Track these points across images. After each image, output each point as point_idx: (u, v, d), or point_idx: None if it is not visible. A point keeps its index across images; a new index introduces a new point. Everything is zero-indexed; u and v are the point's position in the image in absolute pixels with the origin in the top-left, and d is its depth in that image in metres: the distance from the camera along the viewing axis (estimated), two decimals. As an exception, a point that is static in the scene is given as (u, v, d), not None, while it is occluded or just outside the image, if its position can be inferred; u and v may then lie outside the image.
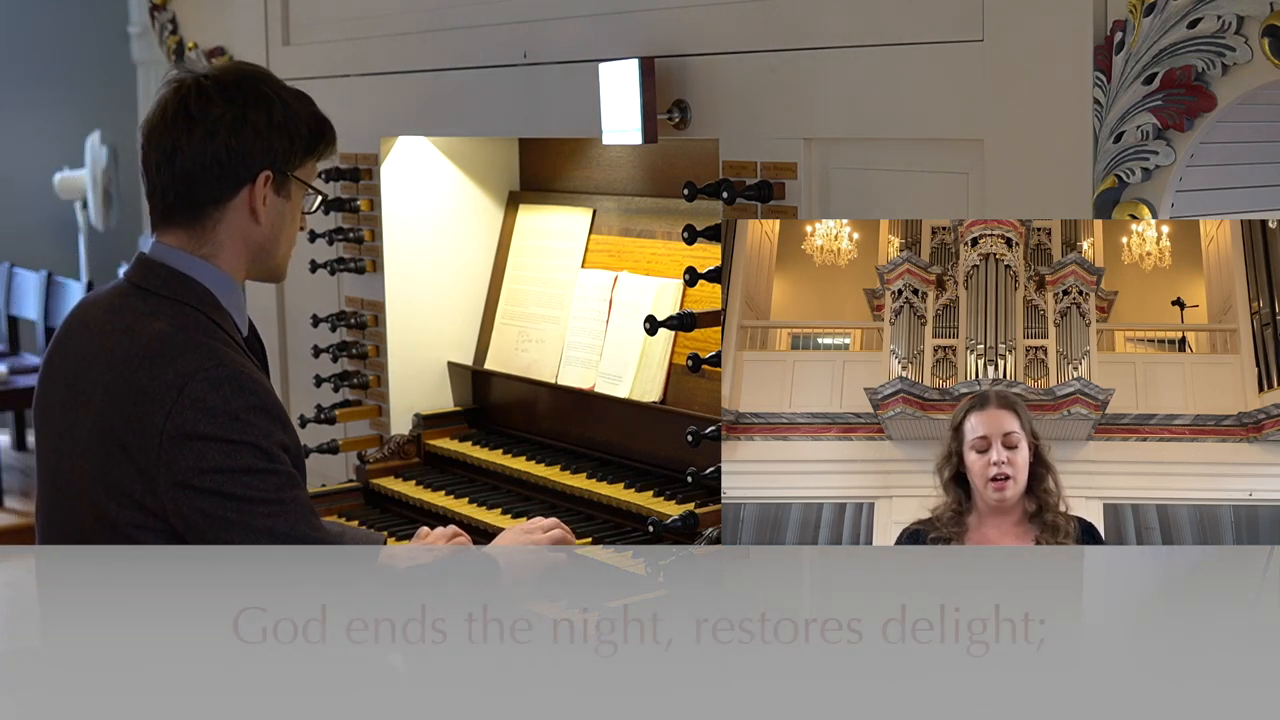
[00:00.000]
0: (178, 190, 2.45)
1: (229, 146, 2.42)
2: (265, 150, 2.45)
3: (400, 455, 3.60)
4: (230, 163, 2.43)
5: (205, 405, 2.31)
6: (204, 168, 2.43)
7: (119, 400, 2.36)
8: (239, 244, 2.48)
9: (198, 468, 2.31)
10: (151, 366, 2.35)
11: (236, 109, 2.43)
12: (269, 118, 2.45)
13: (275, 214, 2.49)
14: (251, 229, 2.48)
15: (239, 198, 2.45)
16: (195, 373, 2.32)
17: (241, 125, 2.43)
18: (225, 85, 2.46)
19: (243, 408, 2.33)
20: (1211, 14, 2.10)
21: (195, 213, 2.46)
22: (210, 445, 2.31)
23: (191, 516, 2.34)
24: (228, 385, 2.33)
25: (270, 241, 2.51)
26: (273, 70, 4.01)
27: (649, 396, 3.21)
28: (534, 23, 3.19)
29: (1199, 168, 2.24)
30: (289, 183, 2.50)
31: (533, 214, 3.70)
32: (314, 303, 3.95)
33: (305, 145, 2.51)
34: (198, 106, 2.43)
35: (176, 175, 2.44)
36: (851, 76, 2.53)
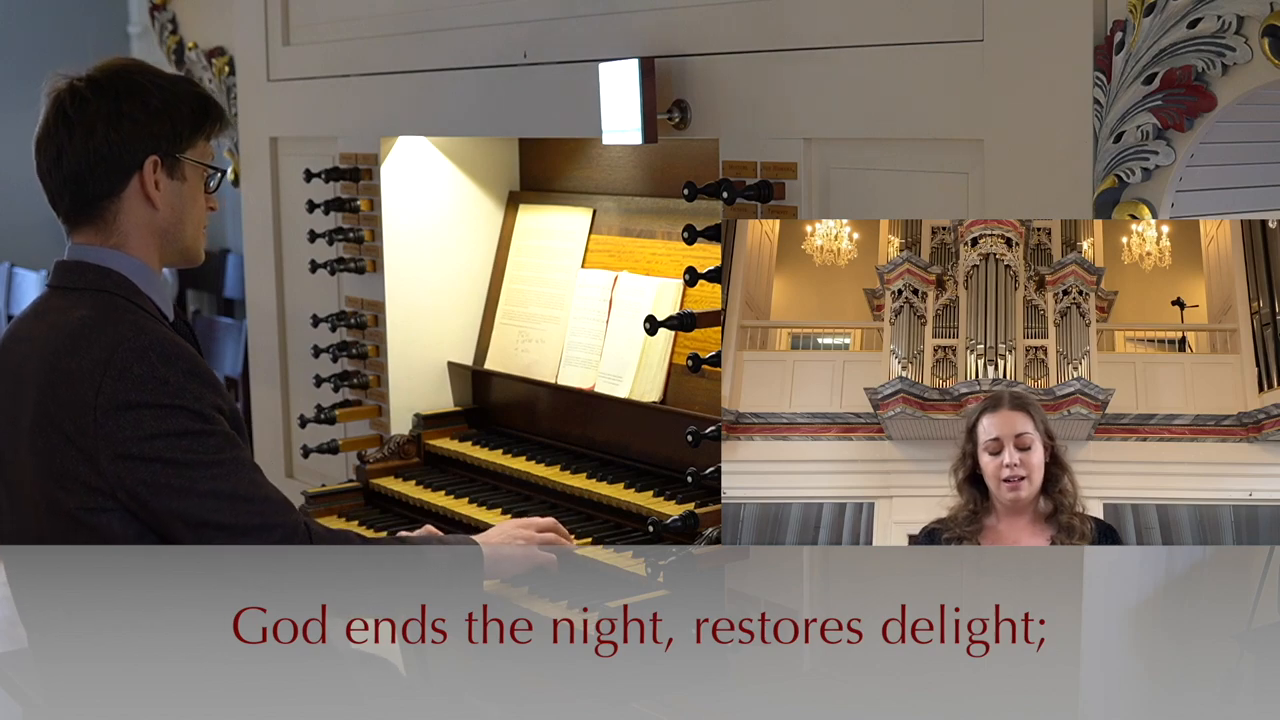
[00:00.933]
0: (71, 191, 2.52)
1: (109, 140, 2.48)
2: (146, 136, 2.49)
3: (400, 455, 3.60)
4: (113, 155, 2.49)
5: (133, 374, 2.35)
6: (90, 165, 2.49)
7: (51, 388, 2.39)
8: (144, 231, 2.53)
9: (135, 436, 2.34)
10: (76, 349, 2.39)
11: (110, 102, 2.49)
12: (145, 105, 2.50)
13: (172, 196, 2.54)
14: (151, 215, 2.53)
15: (130, 187, 2.51)
16: (119, 344, 2.37)
17: (118, 117, 2.48)
18: (98, 83, 2.52)
19: (171, 373, 2.36)
20: (1211, 14, 2.09)
21: (93, 209, 2.52)
22: (144, 413, 2.34)
23: (135, 488, 2.36)
24: (152, 352, 2.37)
25: (174, 225, 2.55)
26: (272, 70, 4.05)
27: (649, 396, 3.21)
28: (534, 23, 3.19)
29: (1199, 168, 2.24)
30: (180, 165, 2.53)
31: (533, 214, 3.70)
32: (314, 303, 3.95)
33: (190, 125, 2.54)
34: (74, 108, 2.50)
35: (66, 177, 2.51)
36: (851, 76, 2.53)
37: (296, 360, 4.15)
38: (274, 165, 4.13)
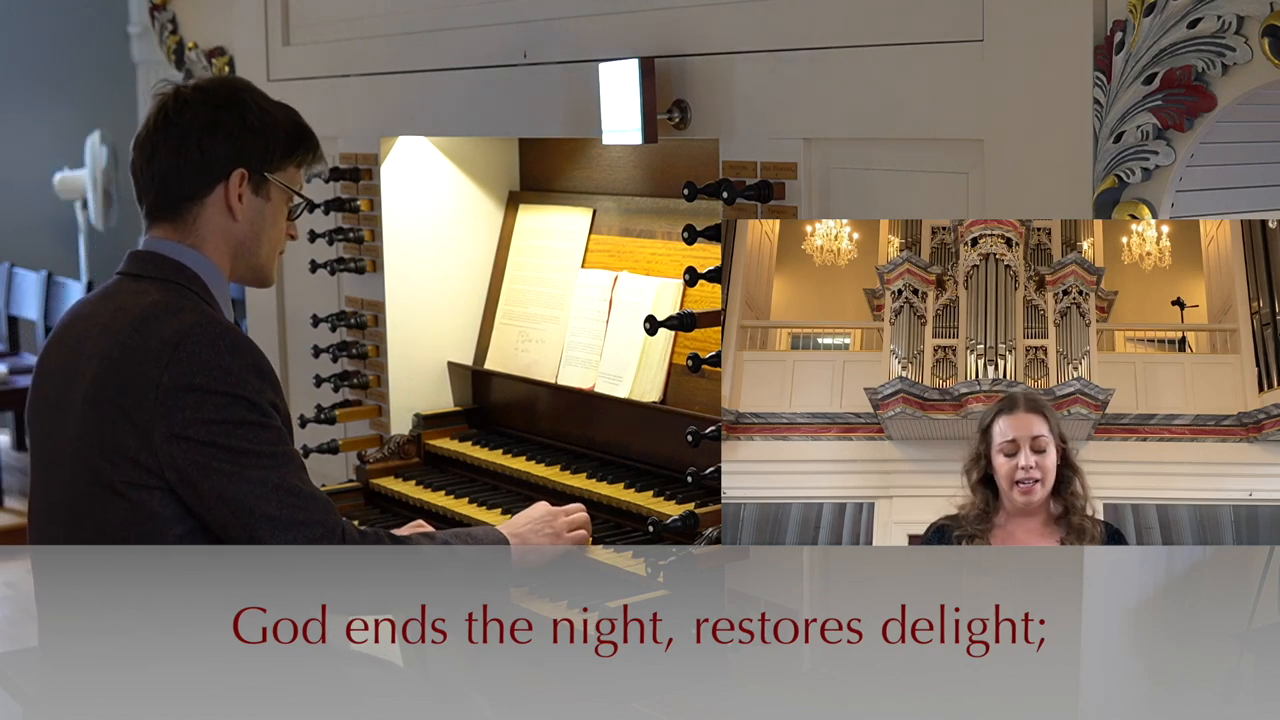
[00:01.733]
0: (158, 188, 2.57)
1: (201, 145, 2.54)
2: (238, 150, 2.56)
3: (400, 455, 3.60)
4: (203, 160, 2.55)
5: (201, 359, 2.39)
6: (179, 166, 2.55)
7: (114, 364, 2.43)
8: (220, 238, 2.58)
9: (193, 419, 2.38)
10: (145, 329, 2.43)
11: (209, 111, 2.56)
12: (242, 120, 2.57)
13: (253, 213, 2.59)
14: (230, 225, 2.58)
15: (215, 194, 2.56)
16: (191, 328, 2.42)
17: (214, 126, 2.55)
18: (203, 90, 2.59)
19: (237, 364, 2.41)
20: (1211, 14, 2.09)
21: (176, 208, 2.57)
22: (206, 397, 2.38)
23: (186, 469, 2.39)
24: (222, 341, 2.42)
25: (250, 239, 2.61)
26: (272, 70, 4.05)
27: (649, 396, 3.21)
28: (534, 23, 3.19)
29: (1199, 168, 2.24)
30: (267, 184, 2.60)
31: (533, 214, 3.70)
32: (314, 303, 3.95)
33: (283, 149, 2.61)
34: (175, 112, 2.56)
35: (155, 175, 2.57)
36: (851, 76, 2.53)
37: (296, 360, 4.15)
38: (274, 165, 4.12)
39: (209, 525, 2.43)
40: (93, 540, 2.46)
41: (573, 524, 2.85)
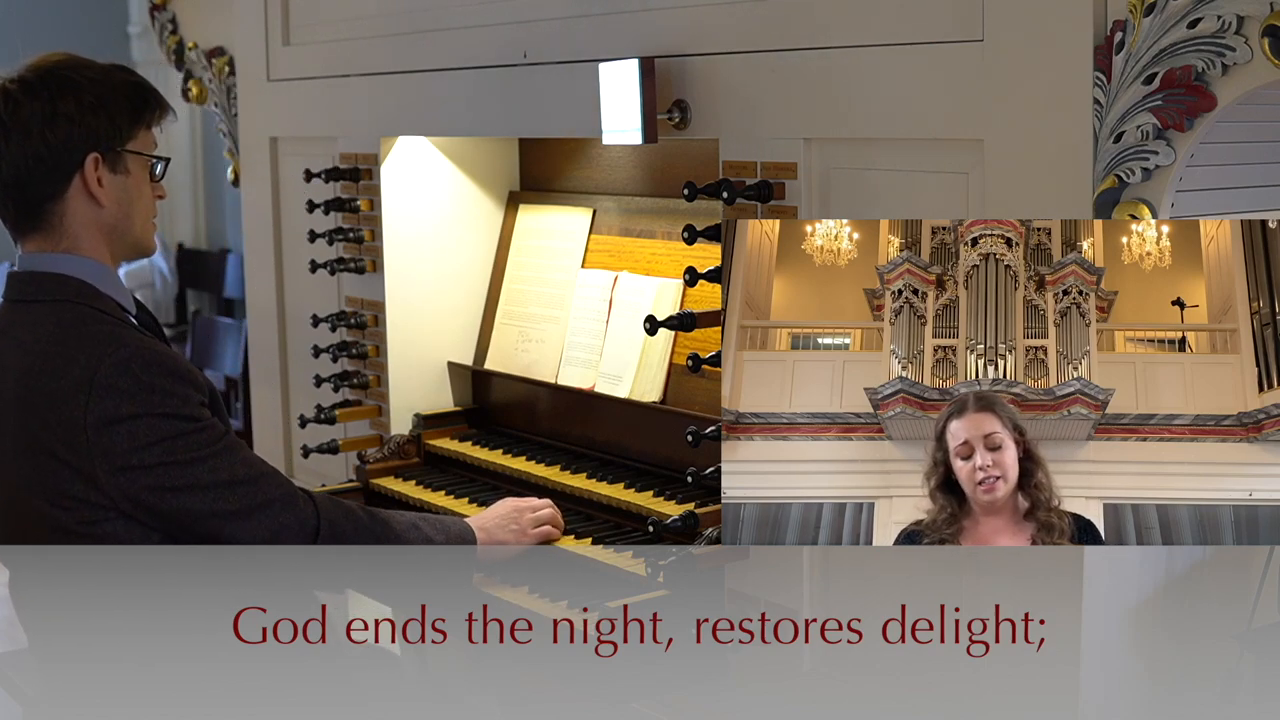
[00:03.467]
0: (12, 197, 2.49)
1: (46, 141, 2.44)
2: (84, 135, 2.46)
3: (400, 455, 3.60)
4: (51, 157, 2.45)
5: (118, 389, 2.34)
6: (29, 169, 2.45)
7: (33, 410, 2.38)
8: (92, 230, 2.50)
9: (131, 447, 2.35)
10: (53, 369, 2.37)
11: (44, 103, 2.44)
12: (79, 102, 2.46)
13: (117, 191, 2.51)
14: (98, 213, 2.50)
15: (73, 187, 2.48)
16: (99, 361, 2.36)
17: (53, 118, 2.44)
18: (29, 83, 2.47)
19: (155, 379, 2.37)
20: (1211, 14, 2.09)
21: (38, 213, 2.49)
22: (137, 423, 2.35)
23: (140, 495, 2.37)
24: (134, 363, 2.37)
25: (122, 220, 2.53)
26: (272, 70, 4.05)
27: (649, 396, 3.21)
28: (534, 23, 3.19)
29: (1199, 168, 2.24)
30: (122, 158, 2.50)
31: (533, 214, 3.70)
32: (314, 303, 3.95)
33: (128, 118, 2.51)
34: (7, 112, 2.45)
35: (6, 184, 2.47)
36: (851, 76, 2.53)
37: (296, 360, 4.15)
38: (274, 165, 4.13)
39: (176, 537, 2.43)
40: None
41: (539, 520, 2.88)
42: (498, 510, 2.90)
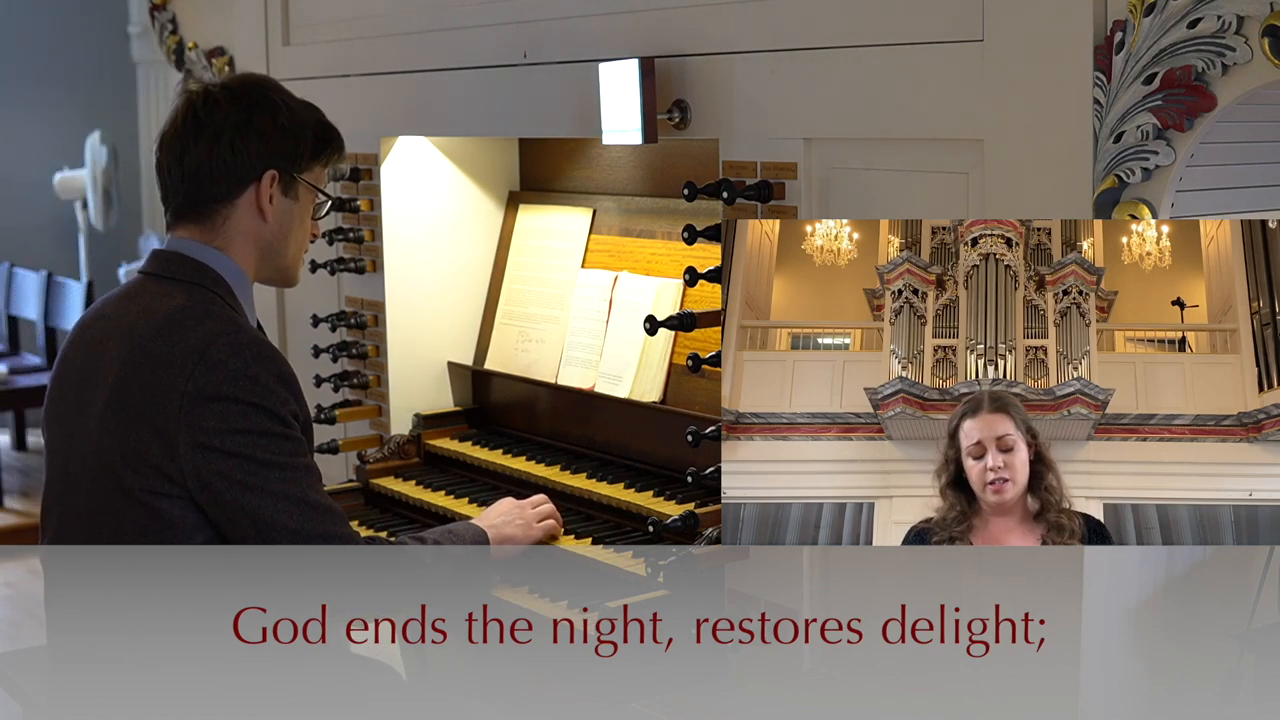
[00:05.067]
0: (187, 189, 2.56)
1: (234, 147, 2.53)
2: (270, 151, 2.55)
3: (400, 455, 3.60)
4: (235, 162, 2.54)
5: (227, 368, 2.39)
6: (211, 167, 2.53)
7: (138, 369, 2.42)
8: (248, 240, 2.58)
9: (218, 428, 2.38)
10: (171, 335, 2.43)
11: (242, 112, 2.54)
12: (274, 121, 2.56)
13: (283, 214, 2.59)
14: (260, 226, 2.58)
15: (246, 195, 2.56)
16: (218, 337, 2.41)
17: (246, 127, 2.54)
18: (233, 91, 2.57)
19: (262, 373, 2.42)
20: (1211, 14, 2.09)
21: (205, 209, 2.56)
22: (231, 406, 2.39)
23: (210, 479, 2.39)
24: (248, 350, 2.42)
25: (279, 240, 2.60)
26: (272, 70, 4.04)
27: (649, 396, 3.21)
28: (534, 23, 3.19)
29: (1199, 168, 2.24)
30: (296, 184, 2.59)
31: (533, 214, 3.70)
32: (314, 303, 3.95)
33: (311, 149, 2.60)
34: (205, 112, 2.54)
35: (186, 175, 2.55)
36: (851, 76, 2.53)
37: (296, 360, 4.13)
38: (274, 165, 4.12)
39: (227, 534, 2.44)
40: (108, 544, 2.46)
41: (541, 515, 2.92)
42: (500, 508, 2.93)
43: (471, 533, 2.79)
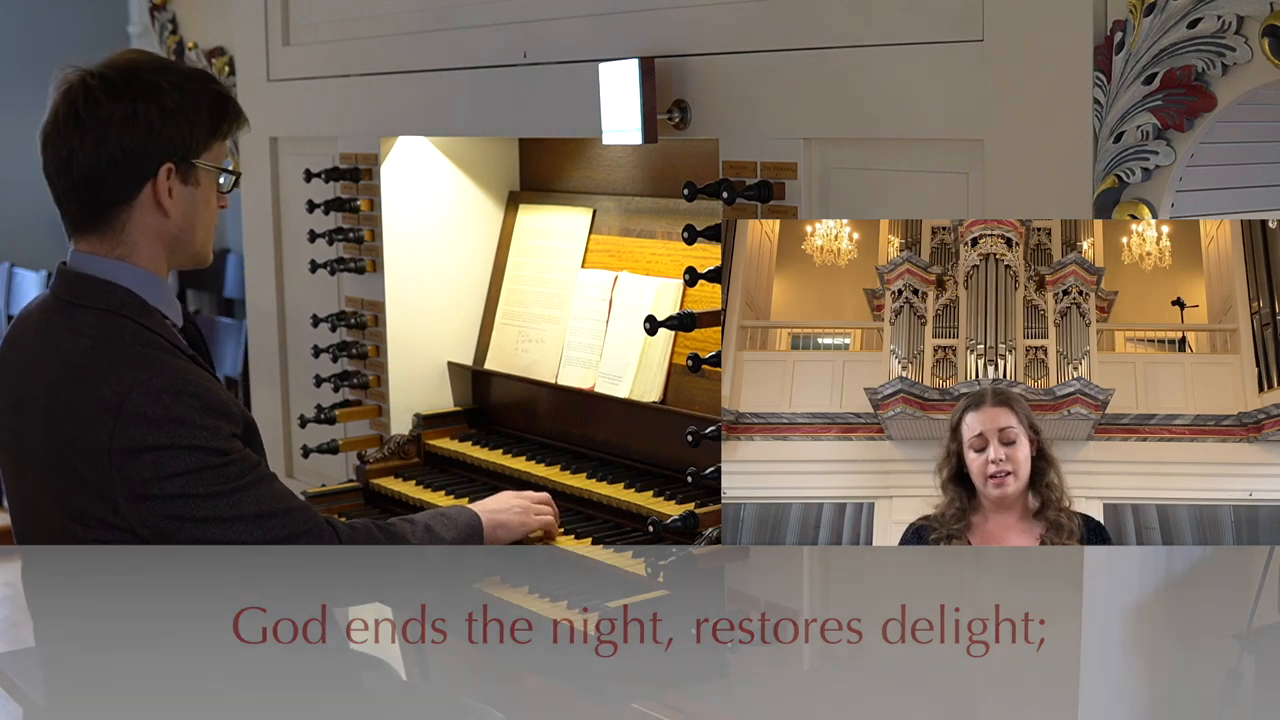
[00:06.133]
0: (80, 197, 2.42)
1: (122, 145, 2.37)
2: (162, 143, 2.39)
3: (400, 455, 3.60)
4: (127, 162, 2.38)
5: (148, 418, 2.28)
6: (101, 171, 2.38)
7: (59, 424, 2.33)
8: (153, 240, 2.44)
9: (154, 478, 2.29)
10: (84, 388, 2.31)
11: (125, 105, 2.37)
12: (161, 108, 2.38)
13: (185, 204, 2.44)
14: (163, 223, 2.43)
15: (143, 194, 2.41)
16: (131, 388, 2.29)
17: (133, 121, 2.37)
18: (111, 82, 2.39)
19: (185, 412, 2.30)
20: (1211, 14, 2.09)
21: (102, 216, 2.42)
22: (162, 454, 2.29)
23: (160, 524, 2.32)
24: (166, 394, 2.30)
25: (185, 231, 2.47)
26: (272, 70, 4.05)
27: (649, 396, 3.21)
28: (534, 23, 3.19)
29: (1199, 168, 2.24)
30: (195, 170, 2.44)
31: (533, 214, 3.70)
32: (314, 303, 3.95)
33: (207, 129, 2.44)
34: (86, 108, 2.38)
35: (75, 181, 2.40)
36: (851, 76, 2.53)
37: (296, 360, 4.15)
38: (274, 165, 4.13)
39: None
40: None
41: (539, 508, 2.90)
42: (500, 497, 2.91)
43: (464, 516, 2.76)
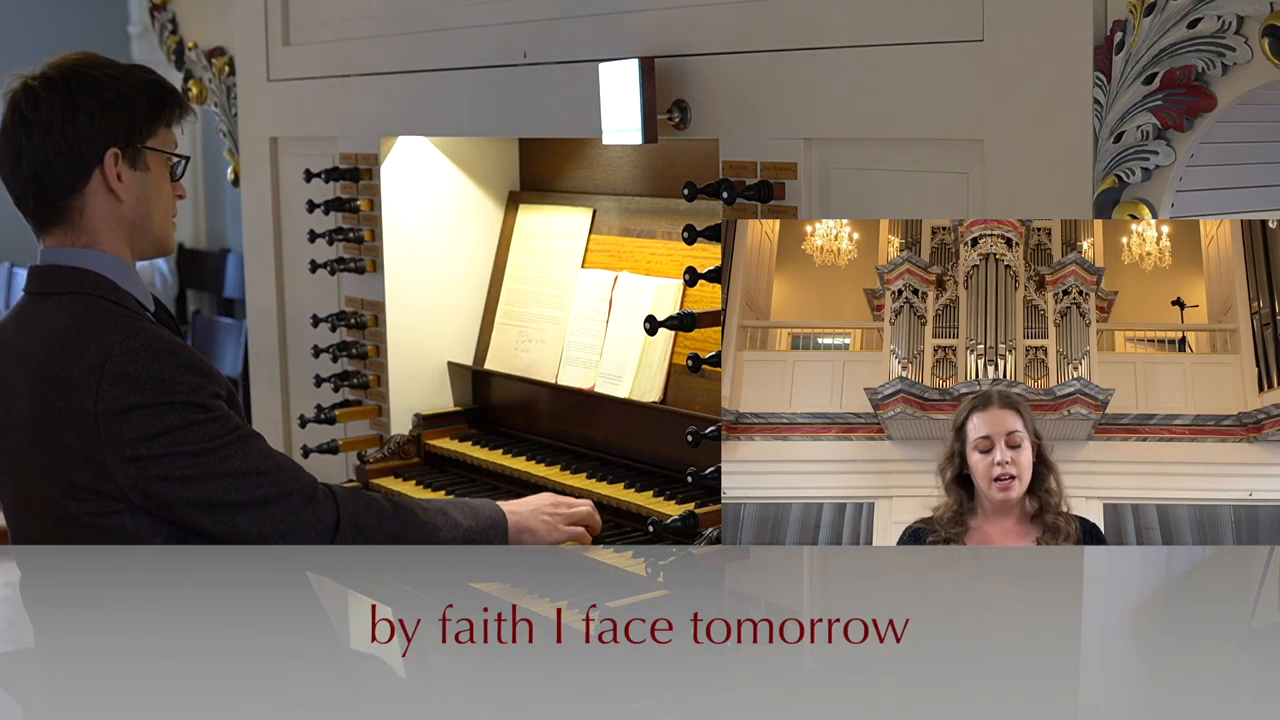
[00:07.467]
0: (33, 192, 2.52)
1: (66, 135, 2.48)
2: (103, 130, 2.49)
3: (400, 455, 3.60)
4: (71, 151, 2.48)
5: (129, 376, 2.36)
6: (49, 163, 2.49)
7: (46, 399, 2.40)
8: (112, 225, 2.53)
9: (140, 437, 2.35)
10: (67, 357, 2.39)
11: (65, 98, 2.48)
12: (99, 98, 2.49)
13: (137, 187, 2.54)
14: (117, 208, 2.53)
15: (93, 181, 2.51)
16: (111, 350, 2.37)
17: (73, 112, 2.48)
18: (51, 80, 2.51)
19: (166, 370, 2.38)
20: (1211, 14, 2.09)
21: (58, 208, 2.52)
22: (146, 413, 2.36)
23: (149, 486, 2.37)
24: (145, 352, 2.38)
25: (141, 216, 2.55)
26: (272, 70, 4.05)
27: (649, 396, 3.21)
28: (534, 23, 3.19)
29: (1199, 168, 2.24)
30: (142, 155, 2.54)
31: (533, 214, 3.70)
32: (314, 303, 3.95)
33: (148, 114, 2.54)
34: (29, 107, 2.49)
35: (28, 178, 2.51)
36: (851, 76, 2.53)
37: (296, 360, 4.15)
38: (274, 165, 4.13)
39: (187, 529, 2.43)
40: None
41: (572, 518, 2.87)
42: (534, 500, 2.89)
43: (488, 509, 2.75)
